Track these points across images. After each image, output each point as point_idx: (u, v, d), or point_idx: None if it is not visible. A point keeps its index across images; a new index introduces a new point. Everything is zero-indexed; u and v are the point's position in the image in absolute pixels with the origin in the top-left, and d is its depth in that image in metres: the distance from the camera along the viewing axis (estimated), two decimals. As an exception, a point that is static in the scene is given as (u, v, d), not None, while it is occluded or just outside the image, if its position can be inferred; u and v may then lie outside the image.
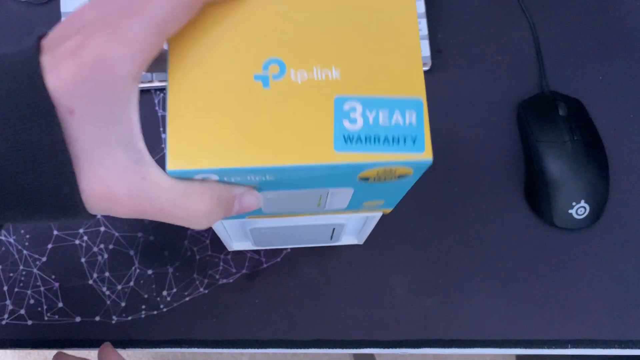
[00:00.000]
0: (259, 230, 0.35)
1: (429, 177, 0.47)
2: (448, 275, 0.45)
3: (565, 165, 0.45)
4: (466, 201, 0.47)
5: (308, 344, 0.44)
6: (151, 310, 0.44)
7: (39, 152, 0.20)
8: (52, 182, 0.21)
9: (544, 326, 0.44)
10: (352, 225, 0.39)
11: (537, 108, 0.47)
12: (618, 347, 0.44)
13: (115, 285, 0.44)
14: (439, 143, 0.48)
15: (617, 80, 0.50)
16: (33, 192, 0.21)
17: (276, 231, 0.36)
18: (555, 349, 0.44)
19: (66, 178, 0.21)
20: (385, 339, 0.44)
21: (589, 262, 0.46)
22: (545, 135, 0.46)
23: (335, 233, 0.39)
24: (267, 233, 0.36)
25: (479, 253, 0.46)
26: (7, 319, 0.44)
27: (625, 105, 0.50)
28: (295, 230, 0.37)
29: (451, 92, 0.50)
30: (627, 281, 0.45)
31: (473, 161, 0.48)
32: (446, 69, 0.50)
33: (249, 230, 0.35)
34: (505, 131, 0.49)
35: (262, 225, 0.34)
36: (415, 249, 0.46)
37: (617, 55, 0.51)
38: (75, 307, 0.44)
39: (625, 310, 0.45)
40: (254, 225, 0.34)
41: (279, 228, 0.35)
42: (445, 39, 0.51)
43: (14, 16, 0.51)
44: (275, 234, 0.37)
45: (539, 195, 0.46)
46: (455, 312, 0.45)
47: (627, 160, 0.48)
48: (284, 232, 0.36)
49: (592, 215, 0.45)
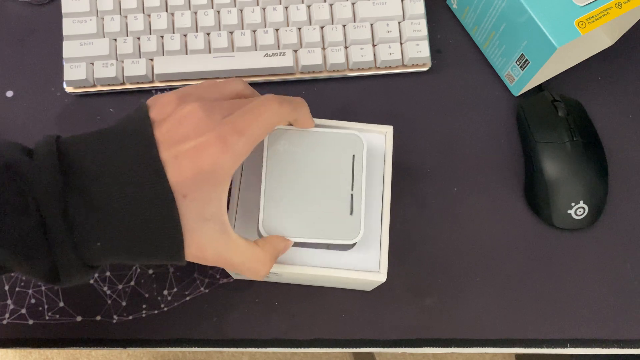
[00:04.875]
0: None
1: (429, 177, 0.47)
2: (447, 274, 0.45)
3: (564, 166, 0.45)
4: (466, 201, 0.47)
5: (308, 343, 0.44)
6: (152, 310, 0.44)
7: (163, 226, 0.28)
8: (170, 246, 0.29)
9: (543, 326, 0.45)
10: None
11: (537, 109, 0.47)
12: (616, 347, 0.44)
13: (116, 285, 0.45)
14: (438, 143, 0.48)
15: (617, 81, 0.50)
16: (155, 251, 0.29)
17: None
18: (554, 348, 0.44)
19: (178, 243, 0.29)
20: (385, 338, 0.44)
21: (588, 262, 0.46)
22: (545, 136, 0.46)
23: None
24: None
25: (478, 253, 0.46)
26: (8, 318, 0.44)
27: (624, 106, 0.50)
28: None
29: (450, 92, 0.50)
30: (626, 281, 0.46)
31: (472, 161, 0.48)
32: (446, 69, 0.50)
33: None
34: (504, 132, 0.49)
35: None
36: (415, 248, 0.46)
37: (616, 56, 0.51)
38: (76, 306, 0.44)
39: (623, 310, 0.45)
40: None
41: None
42: (445, 39, 0.51)
43: (14, 16, 0.51)
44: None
45: (538, 195, 0.46)
46: (454, 312, 0.45)
47: (626, 161, 0.48)
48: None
49: (591, 216, 0.46)
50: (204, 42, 0.48)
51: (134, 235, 0.28)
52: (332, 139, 0.36)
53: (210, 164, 0.28)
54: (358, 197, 0.35)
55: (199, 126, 0.29)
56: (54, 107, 0.48)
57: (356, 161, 0.36)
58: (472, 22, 0.50)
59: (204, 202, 0.29)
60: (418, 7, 0.49)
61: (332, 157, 0.36)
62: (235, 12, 0.48)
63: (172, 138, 0.29)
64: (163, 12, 0.48)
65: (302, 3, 0.49)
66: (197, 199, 0.29)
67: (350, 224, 0.35)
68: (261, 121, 0.30)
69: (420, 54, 0.49)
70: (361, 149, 0.36)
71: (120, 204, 0.27)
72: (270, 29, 0.48)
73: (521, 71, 0.46)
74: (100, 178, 0.28)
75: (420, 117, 0.49)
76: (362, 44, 0.49)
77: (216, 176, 0.29)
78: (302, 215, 0.35)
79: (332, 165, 0.36)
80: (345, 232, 0.35)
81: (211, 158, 0.28)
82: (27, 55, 0.50)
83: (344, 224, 0.35)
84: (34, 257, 0.27)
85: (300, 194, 0.35)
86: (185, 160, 0.28)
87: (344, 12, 0.49)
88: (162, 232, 0.28)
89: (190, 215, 0.29)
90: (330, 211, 0.35)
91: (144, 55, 0.48)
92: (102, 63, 0.47)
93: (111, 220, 0.28)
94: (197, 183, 0.28)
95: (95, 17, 0.48)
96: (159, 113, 0.30)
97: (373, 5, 0.49)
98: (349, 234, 0.35)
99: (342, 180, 0.35)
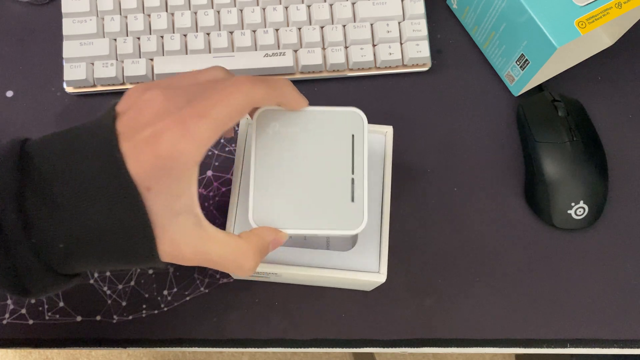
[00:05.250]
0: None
1: (429, 177, 0.47)
2: (447, 274, 0.45)
3: (564, 166, 0.45)
4: (465, 201, 0.47)
5: (308, 343, 0.44)
6: (152, 310, 0.44)
7: (129, 223, 0.26)
8: (140, 244, 0.27)
9: (543, 325, 0.45)
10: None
11: (537, 108, 0.47)
12: (616, 347, 0.44)
13: (116, 285, 0.44)
14: (438, 143, 0.48)
15: (617, 81, 0.50)
16: (125, 252, 0.27)
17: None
18: (554, 348, 0.44)
19: (148, 241, 0.27)
20: (385, 338, 0.44)
21: (588, 262, 0.46)
22: (545, 136, 0.46)
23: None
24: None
25: (479, 253, 0.46)
26: (8, 318, 0.44)
27: (624, 105, 0.50)
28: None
29: (451, 92, 0.50)
30: (626, 281, 0.46)
31: (472, 161, 0.48)
32: (446, 69, 0.50)
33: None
34: (504, 131, 0.49)
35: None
36: (415, 248, 0.46)
37: (616, 56, 0.51)
38: (76, 306, 0.44)
39: (623, 310, 0.45)
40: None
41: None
42: (445, 39, 0.51)
43: (15, 16, 0.51)
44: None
45: (538, 195, 0.46)
46: (454, 312, 0.45)
47: (626, 161, 0.48)
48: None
49: (591, 216, 0.46)
50: (204, 42, 0.48)
51: (100, 236, 0.26)
52: (328, 118, 0.32)
53: (168, 150, 0.26)
54: (360, 182, 0.32)
55: (159, 112, 0.27)
56: (54, 107, 0.48)
57: (356, 141, 0.32)
58: (472, 22, 0.50)
59: (171, 194, 0.27)
60: (418, 7, 0.49)
61: (329, 138, 0.32)
62: (235, 12, 0.48)
63: (132, 128, 0.27)
64: (163, 12, 0.48)
65: (302, 3, 0.49)
66: (162, 191, 0.26)
67: (351, 211, 0.31)
68: (228, 103, 0.27)
69: (420, 54, 0.49)
70: (361, 128, 0.32)
71: (83, 203, 0.25)
72: (270, 29, 0.48)
73: (521, 71, 0.46)
74: (61, 176, 0.26)
75: (420, 117, 0.49)
76: (362, 44, 0.49)
77: (178, 164, 0.26)
78: (297, 204, 0.31)
79: (329, 147, 0.32)
80: (346, 221, 0.31)
81: (169, 143, 0.26)
82: (27, 55, 0.50)
83: (344, 212, 0.31)
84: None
85: (294, 180, 0.32)
86: (143, 149, 0.26)
87: (344, 12, 0.49)
88: (130, 230, 0.26)
89: (159, 210, 0.27)
90: (329, 198, 0.31)
91: (144, 55, 0.48)
92: (102, 63, 0.47)
93: (73, 220, 0.26)
94: (158, 173, 0.26)
95: (95, 17, 0.48)
96: (123, 104, 0.28)
97: (373, 5, 0.49)
98: (351, 223, 0.31)
99: (341, 163, 0.32)
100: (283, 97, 0.31)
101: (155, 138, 0.26)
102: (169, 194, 0.27)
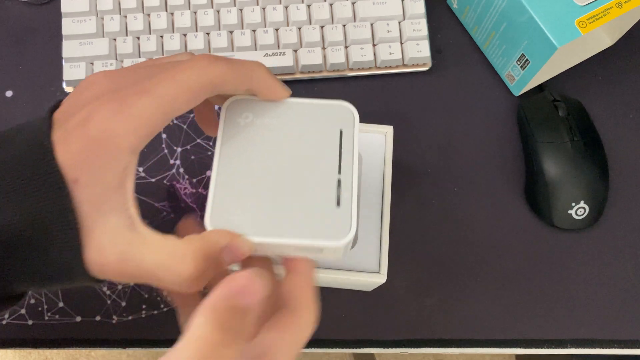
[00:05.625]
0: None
1: (429, 177, 0.47)
2: (447, 275, 0.45)
3: (564, 166, 0.45)
4: (466, 201, 0.47)
5: (308, 343, 0.44)
6: (152, 310, 0.44)
7: (49, 220, 0.21)
8: (62, 251, 0.22)
9: (544, 326, 0.45)
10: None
11: (537, 108, 0.47)
12: (617, 347, 0.44)
13: (116, 285, 0.44)
14: (438, 143, 0.48)
15: (617, 80, 0.50)
16: (45, 261, 0.22)
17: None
18: (554, 348, 0.44)
19: (71, 243, 0.22)
20: (385, 338, 0.44)
21: (589, 262, 0.46)
22: (545, 136, 0.46)
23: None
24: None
25: (479, 253, 0.46)
26: (8, 318, 0.44)
27: (625, 105, 0.50)
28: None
29: (451, 92, 0.50)
30: (627, 281, 0.45)
31: (473, 161, 0.48)
32: (446, 68, 0.50)
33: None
34: (505, 131, 0.49)
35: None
36: (415, 248, 0.46)
37: (616, 55, 0.51)
38: (76, 306, 0.44)
39: (624, 310, 0.45)
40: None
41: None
42: (445, 39, 0.51)
43: (14, 16, 0.51)
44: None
45: (539, 195, 0.46)
46: (455, 312, 0.45)
47: (627, 161, 0.48)
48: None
49: (591, 216, 0.45)
50: (204, 42, 0.48)
51: (12, 240, 0.21)
52: (313, 111, 0.28)
53: (98, 130, 0.22)
54: (347, 183, 0.27)
55: (97, 93, 0.23)
56: (54, 107, 0.48)
57: (345, 138, 0.28)
58: (472, 21, 0.50)
59: (99, 186, 0.22)
60: (418, 6, 0.49)
61: (313, 133, 0.28)
62: (235, 11, 0.48)
63: (68, 113, 0.23)
64: (163, 12, 0.48)
65: (302, 3, 0.49)
66: (90, 182, 0.22)
67: (337, 218, 0.26)
68: (178, 80, 0.23)
69: (420, 54, 0.49)
70: (351, 124, 0.28)
71: (9, 199, 0.22)
72: (270, 28, 0.48)
73: (522, 71, 0.46)
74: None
75: (420, 117, 0.49)
76: (362, 44, 0.49)
77: (108, 147, 0.22)
78: (268, 207, 0.26)
79: (312, 142, 0.27)
80: (329, 230, 0.26)
81: (100, 122, 0.22)
82: (27, 55, 0.50)
83: (328, 219, 0.26)
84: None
85: (266, 178, 0.27)
86: (73, 133, 0.22)
87: (344, 12, 0.49)
88: (52, 231, 0.22)
89: (86, 207, 0.22)
90: (309, 202, 0.26)
91: (144, 55, 0.48)
92: (102, 63, 0.47)
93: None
94: (86, 158, 0.22)
95: (94, 16, 0.48)
96: (70, 94, 0.25)
97: (373, 4, 0.49)
98: (336, 231, 0.25)
99: (325, 161, 0.27)
100: (253, 83, 0.26)
101: (86, 119, 0.22)
102: (96, 186, 0.22)
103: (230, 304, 0.21)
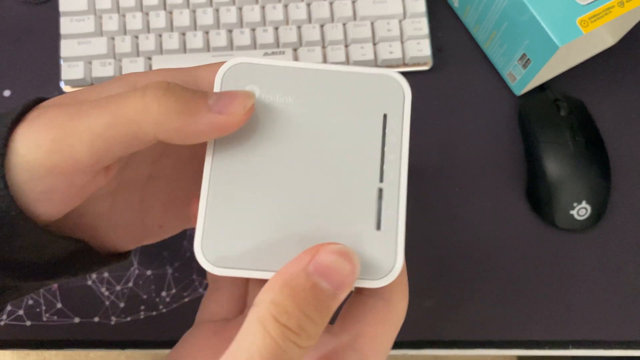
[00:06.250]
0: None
1: (430, 177, 0.47)
2: (448, 275, 0.45)
3: (566, 166, 0.45)
4: (467, 201, 0.47)
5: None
6: (150, 311, 0.44)
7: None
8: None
9: (545, 327, 0.44)
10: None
11: (539, 108, 0.47)
12: (619, 348, 0.44)
13: (114, 286, 0.44)
14: (439, 143, 0.48)
15: (619, 80, 0.50)
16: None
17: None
18: (556, 349, 0.44)
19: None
20: (385, 340, 0.44)
21: (590, 263, 0.46)
22: (547, 136, 0.45)
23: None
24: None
25: (480, 253, 0.46)
26: (6, 319, 0.44)
27: (627, 105, 0.49)
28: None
29: (452, 91, 0.49)
30: (629, 282, 0.45)
31: (474, 161, 0.48)
32: (447, 68, 0.50)
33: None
34: (506, 131, 0.48)
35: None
36: (416, 249, 0.46)
37: (618, 55, 0.51)
38: (74, 308, 0.44)
39: (626, 311, 0.45)
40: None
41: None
42: (446, 38, 0.51)
43: (12, 15, 0.50)
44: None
45: (540, 195, 0.45)
46: (455, 313, 0.44)
47: (629, 161, 0.48)
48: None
49: (593, 216, 0.45)
50: (203, 41, 0.47)
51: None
52: (345, 85, 0.20)
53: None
54: (392, 196, 0.19)
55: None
56: (52, 106, 0.48)
57: (390, 127, 0.21)
58: (473, 20, 0.49)
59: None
60: (419, 5, 0.49)
61: (343, 119, 0.20)
62: (234, 10, 0.48)
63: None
64: (161, 11, 0.48)
65: (302, 1, 0.48)
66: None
67: (376, 247, 0.19)
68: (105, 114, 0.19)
69: (421, 53, 0.48)
70: (399, 104, 0.21)
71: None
72: (269, 27, 0.48)
73: (523, 70, 0.46)
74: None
75: (420, 117, 0.49)
76: (363, 43, 0.48)
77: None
78: (281, 232, 0.19)
79: (342, 133, 0.20)
80: (366, 265, 0.19)
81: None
82: (25, 54, 0.49)
83: (364, 249, 0.19)
84: None
85: (279, 187, 0.19)
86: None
87: (344, 11, 0.48)
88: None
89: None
90: (339, 224, 0.19)
91: (143, 55, 0.47)
92: (100, 62, 0.47)
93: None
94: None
95: (93, 15, 0.47)
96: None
97: (373, 3, 0.49)
98: (374, 267, 0.19)
99: (361, 162, 0.20)
100: (221, 117, 0.19)
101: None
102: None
103: (311, 283, 0.17)
